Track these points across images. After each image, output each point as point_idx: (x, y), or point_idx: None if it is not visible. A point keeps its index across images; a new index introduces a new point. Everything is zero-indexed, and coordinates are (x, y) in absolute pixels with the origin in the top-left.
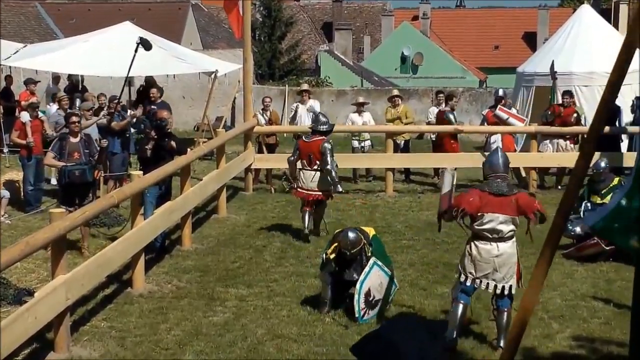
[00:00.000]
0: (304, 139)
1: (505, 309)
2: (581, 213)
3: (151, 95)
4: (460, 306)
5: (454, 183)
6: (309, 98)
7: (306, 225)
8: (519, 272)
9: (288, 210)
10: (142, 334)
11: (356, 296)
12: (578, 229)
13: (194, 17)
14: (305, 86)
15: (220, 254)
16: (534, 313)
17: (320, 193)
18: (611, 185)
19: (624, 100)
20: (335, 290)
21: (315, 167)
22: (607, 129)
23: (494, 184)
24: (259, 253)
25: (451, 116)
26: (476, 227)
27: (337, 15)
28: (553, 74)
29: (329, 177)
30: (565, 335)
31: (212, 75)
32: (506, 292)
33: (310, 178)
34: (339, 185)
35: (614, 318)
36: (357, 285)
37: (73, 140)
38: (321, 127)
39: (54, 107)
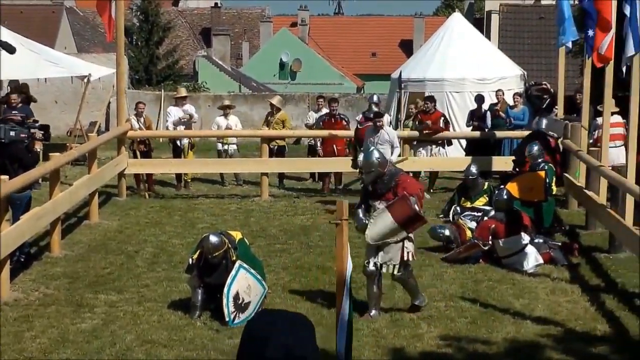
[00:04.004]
0: (358, 126)
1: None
2: (450, 217)
3: (12, 101)
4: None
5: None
6: (185, 103)
7: None
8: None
9: (162, 215)
10: (5, 342)
11: (224, 300)
12: (447, 232)
13: (69, 21)
14: (183, 92)
15: (91, 260)
16: (403, 314)
17: None
18: (482, 190)
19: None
20: (206, 294)
21: (361, 149)
22: (477, 133)
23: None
24: (130, 259)
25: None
26: None
27: (215, 21)
28: (400, 83)
29: None
30: (434, 335)
31: (85, 80)
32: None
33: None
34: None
35: (479, 317)
36: (225, 289)
37: None
38: (371, 115)
39: None
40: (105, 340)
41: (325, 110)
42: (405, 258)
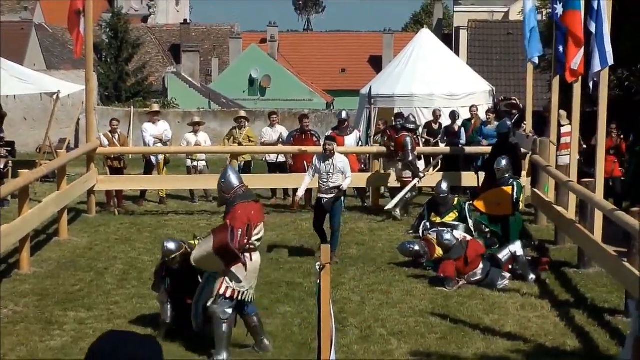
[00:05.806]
0: (395, 135)
1: (255, 313)
2: (420, 232)
3: None
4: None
5: None
6: (159, 119)
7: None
8: None
9: (132, 232)
10: None
11: (193, 311)
12: (416, 247)
13: (38, 38)
14: (156, 107)
15: (60, 277)
16: (373, 330)
17: (404, 178)
18: (451, 206)
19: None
20: (175, 309)
21: (398, 157)
22: (448, 149)
23: (246, 192)
24: (100, 276)
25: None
26: (254, 239)
27: (185, 37)
28: (370, 99)
29: (410, 167)
30: (404, 351)
31: (54, 96)
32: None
33: (396, 167)
34: (420, 173)
35: (449, 333)
36: (194, 300)
37: None
38: (409, 125)
39: None
40: (75, 358)
41: (278, 127)
42: (222, 292)
